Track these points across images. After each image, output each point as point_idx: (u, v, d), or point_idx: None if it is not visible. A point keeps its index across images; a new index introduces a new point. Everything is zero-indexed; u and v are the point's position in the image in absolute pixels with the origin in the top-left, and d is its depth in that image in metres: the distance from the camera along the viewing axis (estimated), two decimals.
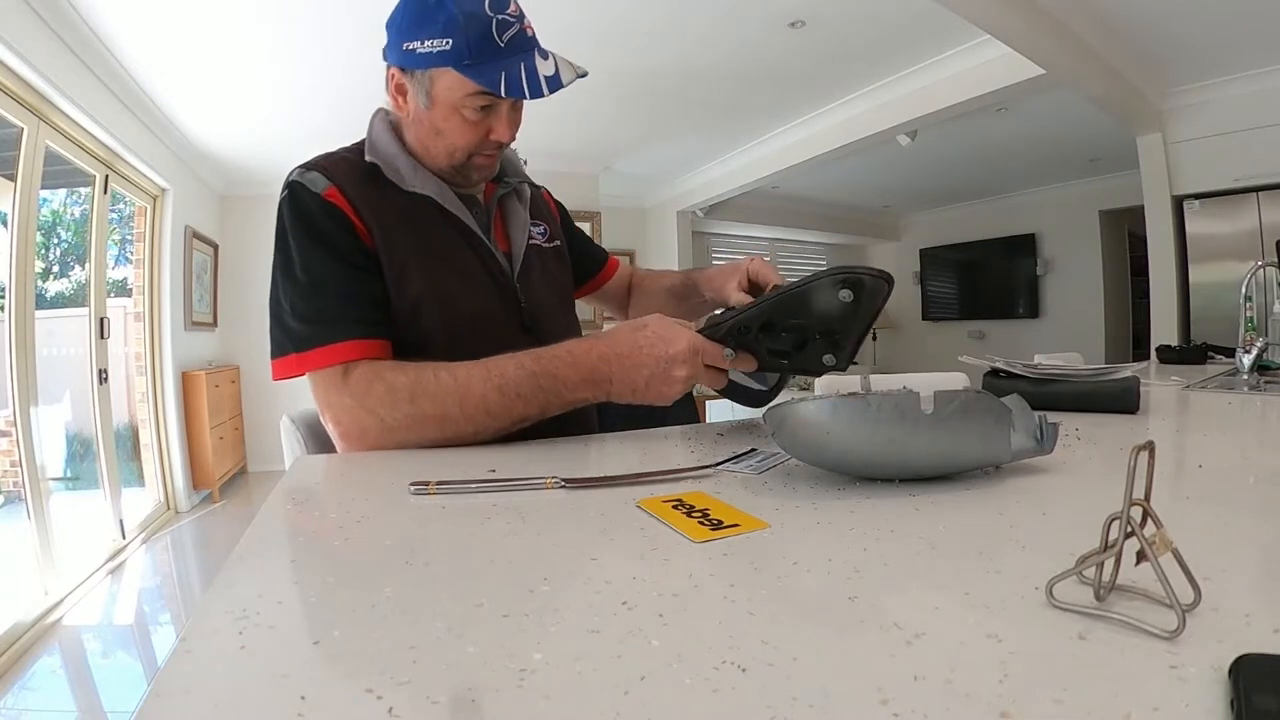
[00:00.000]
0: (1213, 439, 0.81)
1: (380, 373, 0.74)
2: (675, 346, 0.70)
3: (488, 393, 0.71)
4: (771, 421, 0.54)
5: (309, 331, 0.75)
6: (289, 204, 0.80)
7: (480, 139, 0.82)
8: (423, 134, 0.84)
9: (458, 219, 0.85)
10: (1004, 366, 1.05)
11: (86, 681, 2.15)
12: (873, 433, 0.49)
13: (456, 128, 0.81)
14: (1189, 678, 0.24)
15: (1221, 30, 2.91)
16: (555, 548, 0.41)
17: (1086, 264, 5.95)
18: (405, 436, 0.73)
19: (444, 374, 0.72)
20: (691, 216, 6.06)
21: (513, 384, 0.72)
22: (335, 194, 0.78)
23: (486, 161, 0.86)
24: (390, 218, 0.81)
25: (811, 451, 0.53)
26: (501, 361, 0.73)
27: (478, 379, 0.72)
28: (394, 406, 0.72)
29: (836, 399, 0.50)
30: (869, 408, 0.49)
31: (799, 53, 3.22)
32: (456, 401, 0.71)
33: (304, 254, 0.77)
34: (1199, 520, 0.44)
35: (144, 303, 3.89)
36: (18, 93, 2.47)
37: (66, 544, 2.72)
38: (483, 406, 0.72)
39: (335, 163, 0.83)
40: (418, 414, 0.72)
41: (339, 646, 0.28)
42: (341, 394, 0.74)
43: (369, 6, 2.62)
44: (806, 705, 0.23)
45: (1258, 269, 1.70)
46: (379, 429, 0.73)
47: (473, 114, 0.80)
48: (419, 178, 0.84)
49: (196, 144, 4.08)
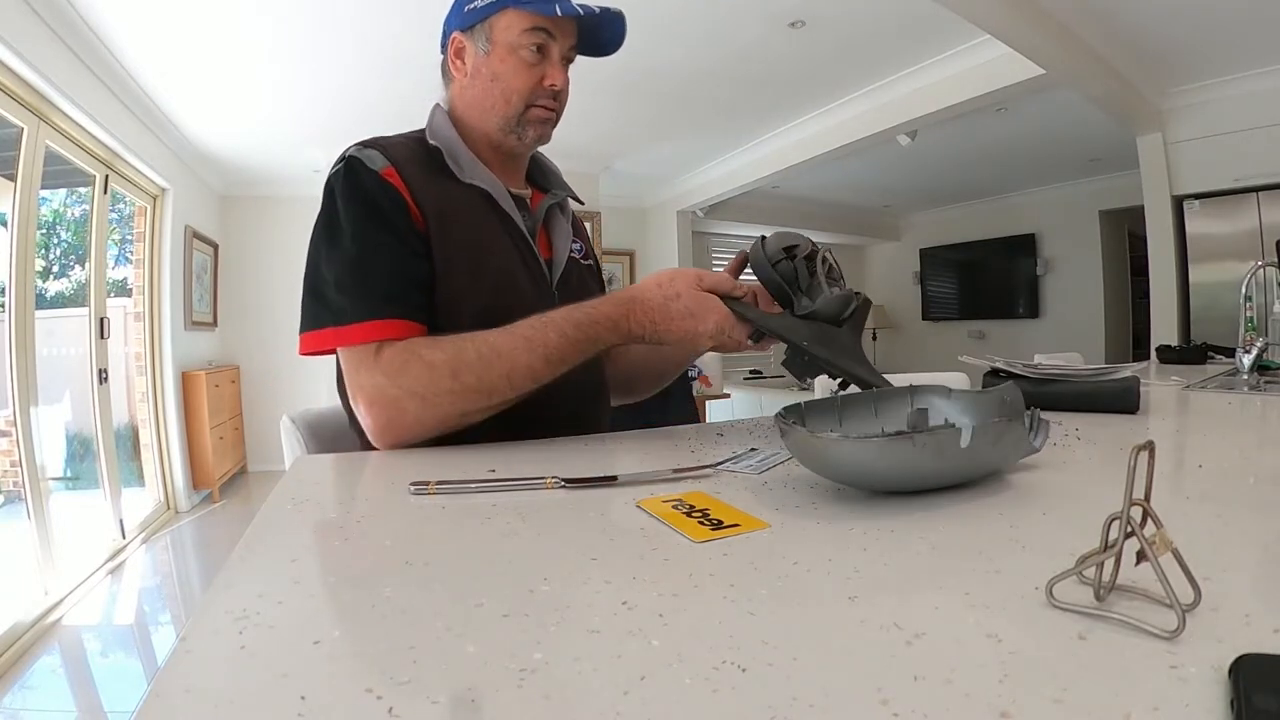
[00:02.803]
0: (1213, 439, 0.81)
1: (415, 350, 0.72)
2: (704, 325, 0.74)
3: (533, 363, 0.73)
4: (799, 448, 0.51)
5: (349, 304, 0.73)
6: (344, 177, 0.78)
7: (535, 83, 0.84)
8: (480, 86, 0.86)
9: (510, 218, 0.86)
10: (1004, 366, 1.05)
11: (86, 681, 2.15)
12: (912, 470, 0.48)
13: (513, 69, 0.83)
14: (1189, 678, 0.24)
15: (1221, 30, 2.91)
16: (555, 548, 0.41)
17: (1086, 264, 5.95)
18: (449, 412, 0.73)
19: (483, 347, 0.73)
20: (691, 216, 6.05)
21: (557, 353, 0.74)
22: (393, 174, 0.78)
23: (542, 113, 0.87)
24: (445, 205, 0.80)
25: (839, 475, 0.51)
26: (543, 330, 0.74)
27: (522, 350, 0.73)
28: (434, 383, 0.71)
29: (881, 441, 0.47)
30: (914, 448, 0.46)
31: (799, 53, 3.22)
32: (504, 375, 0.72)
33: (357, 226, 0.76)
34: (1199, 520, 0.44)
35: (144, 303, 3.89)
36: (18, 93, 2.47)
37: (66, 544, 2.72)
38: (530, 375, 0.73)
39: (394, 145, 0.83)
40: (460, 389, 0.72)
41: (339, 646, 0.28)
42: (374, 373, 0.72)
43: (369, 6, 2.62)
44: (806, 705, 0.23)
45: (1258, 269, 1.70)
46: (419, 408, 0.72)
47: (529, 54, 0.83)
48: (477, 171, 0.85)
49: (196, 144, 4.08)
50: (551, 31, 0.83)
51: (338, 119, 3.71)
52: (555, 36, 0.84)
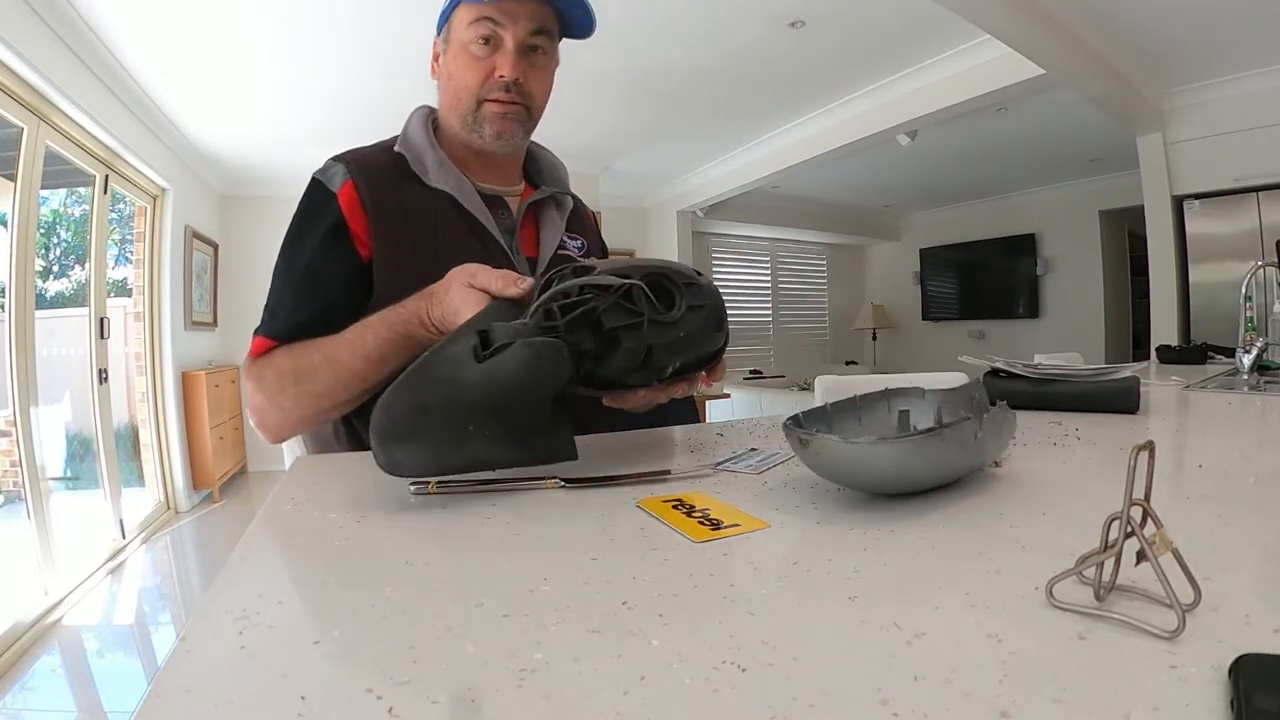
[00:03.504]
0: (1213, 439, 0.81)
1: (271, 360, 0.77)
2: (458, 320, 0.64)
3: (354, 363, 0.74)
4: (825, 455, 0.48)
5: (264, 319, 0.81)
6: (303, 197, 0.84)
7: (484, 76, 0.83)
8: (443, 87, 0.87)
9: (474, 218, 0.86)
10: (1004, 366, 1.05)
11: (86, 681, 2.15)
12: (937, 466, 0.48)
13: (463, 65, 0.83)
14: (1189, 678, 0.24)
15: (1221, 30, 2.91)
16: (555, 548, 0.41)
17: (1086, 264, 5.95)
18: (301, 415, 0.76)
19: (317, 353, 0.75)
20: (691, 216, 6.05)
21: (376, 351, 0.73)
22: (348, 191, 0.81)
23: (497, 108, 0.85)
24: (399, 218, 0.82)
25: (859, 481, 0.49)
26: (362, 331, 0.74)
27: (344, 352, 0.74)
28: (281, 391, 0.76)
29: (917, 439, 0.46)
30: (944, 443, 0.46)
31: (799, 53, 3.22)
32: (334, 376, 0.74)
33: (294, 247, 0.82)
34: (1199, 520, 0.44)
35: (144, 303, 3.89)
36: (18, 93, 2.47)
37: (66, 544, 2.72)
38: (356, 376, 0.74)
39: (362, 156, 0.85)
40: (300, 394, 0.75)
41: (339, 646, 0.28)
42: (248, 381, 0.79)
43: (369, 7, 2.62)
44: (806, 705, 0.23)
45: (1258, 269, 1.70)
46: (279, 414, 0.77)
47: (478, 48, 0.82)
48: (443, 174, 0.85)
49: (196, 144, 4.08)
50: (496, 19, 0.81)
51: (338, 119, 3.71)
52: (503, 24, 0.81)
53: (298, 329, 0.78)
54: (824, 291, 7.71)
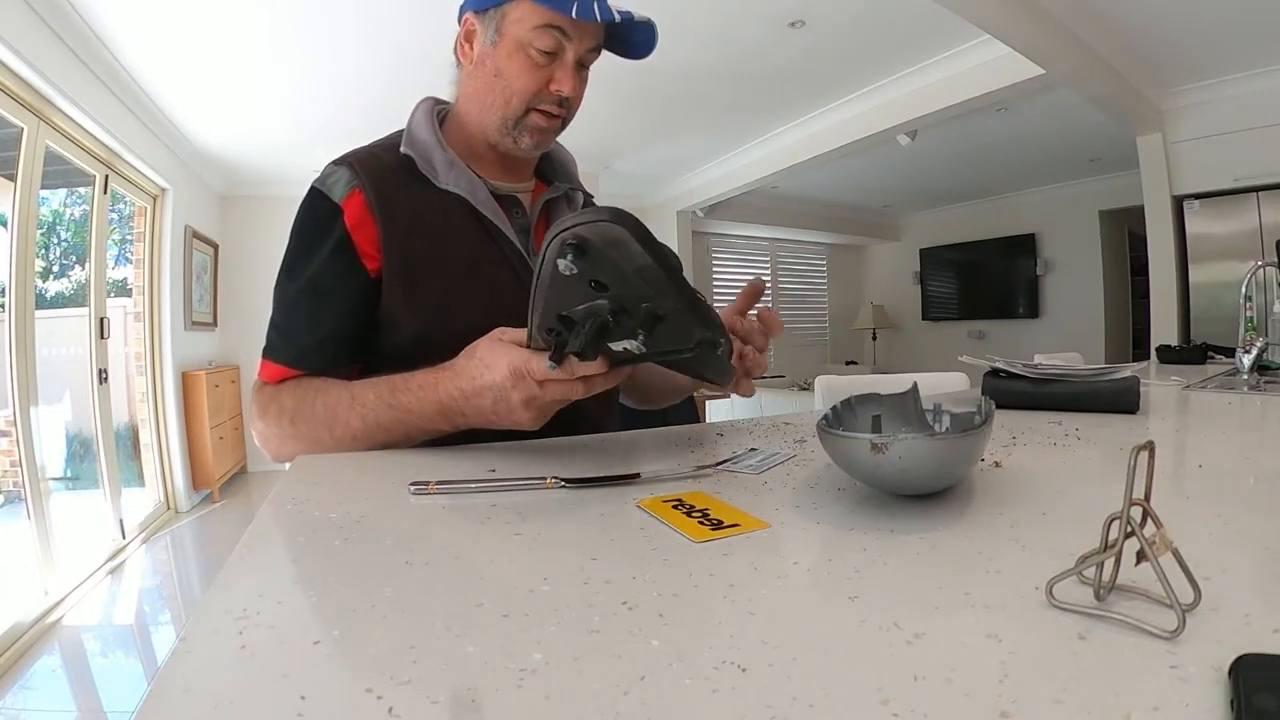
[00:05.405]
0: (1212, 439, 0.80)
1: (277, 394, 0.77)
2: (494, 375, 0.64)
3: (351, 420, 0.72)
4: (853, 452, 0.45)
5: (270, 341, 0.79)
6: (303, 209, 0.80)
7: (540, 86, 0.79)
8: (482, 80, 0.81)
9: (489, 221, 0.83)
10: (1004, 366, 1.05)
11: (86, 681, 2.15)
12: (962, 463, 0.48)
13: (518, 67, 0.78)
14: (1189, 678, 0.24)
15: (1221, 30, 2.91)
16: (555, 547, 0.41)
17: (1086, 264, 5.95)
18: (298, 450, 0.75)
19: (319, 402, 0.74)
20: (691, 216, 6.05)
21: (373, 414, 0.71)
22: (357, 200, 0.77)
23: (543, 121, 0.81)
24: (409, 223, 0.79)
25: (888, 483, 0.47)
26: (366, 390, 0.72)
27: (344, 406, 0.72)
28: (280, 427, 0.75)
29: (962, 435, 0.46)
30: (979, 440, 0.47)
31: (799, 53, 3.22)
32: (327, 428, 0.73)
33: (295, 266, 0.79)
34: (1199, 520, 0.44)
35: (144, 303, 3.89)
36: (18, 93, 2.47)
37: (66, 544, 2.72)
38: (348, 433, 0.72)
39: (367, 159, 0.81)
40: (297, 434, 0.75)
41: (339, 646, 0.28)
42: (254, 404, 0.79)
43: (370, 7, 2.62)
44: (806, 705, 0.23)
45: (1258, 269, 1.71)
46: (278, 444, 0.77)
47: (538, 55, 0.77)
48: (454, 175, 0.81)
49: (196, 144, 4.08)
50: (567, 32, 0.77)
51: (339, 118, 3.71)
52: (571, 38, 0.77)
53: (306, 353, 0.77)
54: (824, 291, 7.70)
